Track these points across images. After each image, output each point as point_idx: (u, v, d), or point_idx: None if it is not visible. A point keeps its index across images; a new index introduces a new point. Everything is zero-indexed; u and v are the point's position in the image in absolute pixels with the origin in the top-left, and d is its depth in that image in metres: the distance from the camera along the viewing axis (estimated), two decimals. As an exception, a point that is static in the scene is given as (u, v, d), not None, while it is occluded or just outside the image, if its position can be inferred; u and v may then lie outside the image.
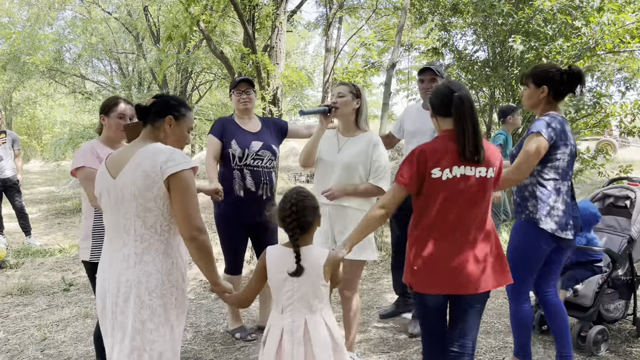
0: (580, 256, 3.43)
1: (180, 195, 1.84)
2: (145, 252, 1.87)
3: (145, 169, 1.83)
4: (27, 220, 6.52)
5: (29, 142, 22.24)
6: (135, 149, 1.92)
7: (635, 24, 5.17)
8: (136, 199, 1.85)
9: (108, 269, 1.93)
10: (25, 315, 4.07)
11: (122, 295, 1.85)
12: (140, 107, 1.99)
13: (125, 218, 1.88)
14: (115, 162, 1.94)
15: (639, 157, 13.52)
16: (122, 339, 1.86)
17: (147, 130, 1.98)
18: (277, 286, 2.02)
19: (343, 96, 2.90)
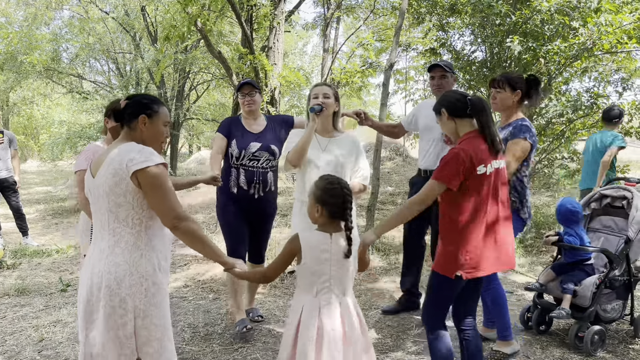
0: (570, 256, 3.44)
1: (150, 190, 1.95)
2: (116, 244, 1.98)
3: (115, 166, 1.94)
4: (24, 220, 6.51)
5: (26, 142, 22.18)
6: (110, 149, 2.04)
7: (633, 25, 5.18)
8: (108, 195, 1.96)
9: (87, 262, 2.05)
10: (22, 316, 4.06)
11: (96, 285, 1.95)
12: (115, 110, 2.15)
13: (101, 213, 2.02)
14: (96, 163, 2.07)
15: (635, 157, 13.56)
16: (98, 323, 1.97)
17: (124, 131, 2.10)
18: (314, 270, 2.07)
19: (329, 97, 3.03)
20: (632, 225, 3.40)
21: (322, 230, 2.12)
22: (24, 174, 15.62)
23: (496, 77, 3.08)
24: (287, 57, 18.30)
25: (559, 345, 3.35)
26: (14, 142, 6.38)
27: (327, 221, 2.11)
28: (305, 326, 2.05)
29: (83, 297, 2.01)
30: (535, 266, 5.24)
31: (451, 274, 2.36)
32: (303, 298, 2.11)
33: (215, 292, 4.56)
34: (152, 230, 2.03)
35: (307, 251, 2.07)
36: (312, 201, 2.12)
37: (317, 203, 2.10)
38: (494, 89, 3.02)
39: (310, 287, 2.09)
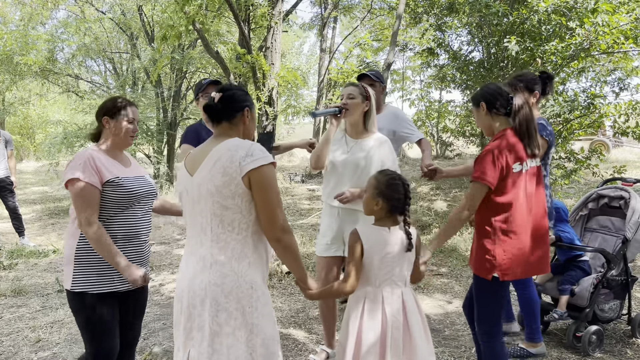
0: (564, 254, 3.47)
1: (261, 192, 1.77)
2: (221, 252, 1.79)
3: (224, 164, 1.76)
4: (21, 220, 6.48)
5: (22, 142, 22.09)
6: (212, 145, 1.85)
7: (630, 25, 5.20)
8: (213, 196, 1.78)
9: (185, 270, 1.86)
10: (19, 316, 4.04)
11: (198, 297, 1.77)
12: (212, 107, 1.88)
13: (202, 217, 1.82)
14: (192, 160, 1.89)
15: (632, 157, 13.61)
16: (201, 341, 1.78)
17: (224, 127, 1.90)
18: (376, 263, 2.09)
19: (353, 97, 2.85)
20: (630, 225, 3.41)
21: (380, 224, 2.13)
22: (20, 174, 15.55)
23: (511, 80, 3.01)
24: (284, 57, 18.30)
25: (557, 345, 3.36)
26: (10, 142, 6.36)
27: (386, 215, 2.13)
28: (370, 316, 2.07)
29: (183, 311, 1.82)
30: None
31: (488, 276, 2.34)
32: (364, 289, 2.12)
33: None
34: (258, 236, 1.85)
35: (369, 246, 2.08)
36: (371, 194, 2.12)
37: (378, 197, 2.10)
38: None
39: (372, 278, 2.11)
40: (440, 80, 8.14)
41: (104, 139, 2.34)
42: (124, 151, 2.45)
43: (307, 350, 3.37)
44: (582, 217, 3.80)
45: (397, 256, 2.09)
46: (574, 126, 6.58)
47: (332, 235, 2.94)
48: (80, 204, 2.13)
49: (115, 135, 2.32)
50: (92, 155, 2.22)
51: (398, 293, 2.11)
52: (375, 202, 2.11)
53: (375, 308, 2.08)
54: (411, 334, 2.08)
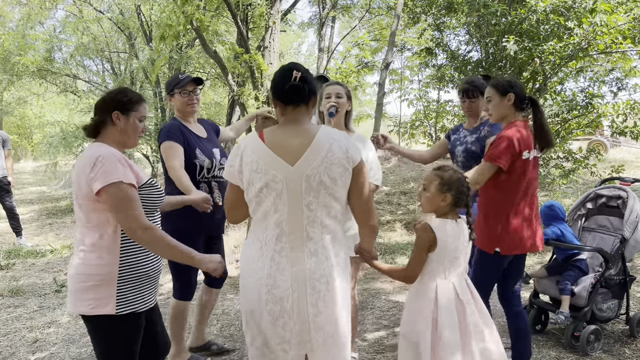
0: (562, 253, 3.47)
1: (364, 182, 1.82)
2: (332, 243, 1.78)
3: (338, 156, 1.74)
4: (18, 220, 6.46)
5: (20, 142, 22.04)
6: (304, 132, 1.78)
7: (628, 25, 5.20)
8: (326, 187, 1.74)
9: (282, 270, 1.74)
10: (16, 316, 4.03)
11: (318, 293, 1.75)
12: (298, 87, 1.78)
13: (310, 209, 1.75)
14: (286, 148, 1.75)
15: (630, 157, 13.63)
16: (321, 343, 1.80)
17: (301, 110, 1.82)
18: (449, 255, 2.14)
19: (341, 97, 2.87)
20: (627, 225, 3.41)
21: (445, 218, 2.19)
22: (18, 174, 15.52)
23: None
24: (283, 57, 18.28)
25: (555, 345, 3.36)
26: (8, 142, 6.34)
27: (449, 209, 2.19)
28: (445, 308, 2.09)
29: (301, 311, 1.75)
30: (531, 265, 5.25)
31: (491, 250, 2.61)
32: (434, 282, 2.15)
33: (211, 292, 4.53)
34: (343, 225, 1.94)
35: (442, 240, 2.12)
36: (437, 190, 2.16)
37: (444, 192, 2.15)
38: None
39: (443, 271, 2.15)
40: (438, 80, 8.14)
41: (108, 136, 2.02)
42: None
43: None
44: (580, 216, 3.80)
45: (463, 246, 2.19)
46: (572, 126, 6.58)
47: None
48: (128, 209, 1.84)
49: (123, 134, 2.03)
50: (120, 154, 1.94)
51: (465, 282, 2.21)
52: (442, 198, 2.16)
53: (449, 299, 2.12)
54: (484, 317, 2.18)
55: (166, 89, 3.02)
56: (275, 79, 1.84)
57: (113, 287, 1.89)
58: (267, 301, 1.74)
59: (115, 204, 1.83)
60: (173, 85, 2.95)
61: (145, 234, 1.84)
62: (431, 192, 2.18)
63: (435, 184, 2.17)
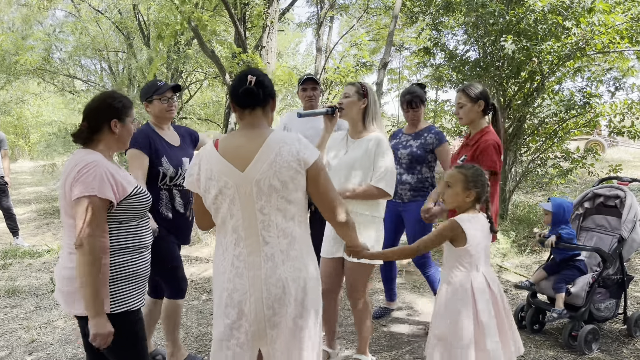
0: (561, 253, 3.45)
1: (323, 182, 1.82)
2: (290, 247, 1.79)
3: (286, 158, 1.74)
4: (15, 221, 6.44)
5: (17, 141, 21.99)
6: (257, 137, 1.79)
7: (625, 25, 5.20)
8: (278, 191, 1.75)
9: (240, 275, 1.77)
10: (13, 317, 4.01)
11: (274, 297, 1.76)
12: (252, 91, 1.79)
13: (263, 214, 1.76)
14: (237, 154, 1.77)
15: (627, 156, 13.66)
16: (276, 338, 1.80)
17: (257, 114, 1.83)
18: (481, 247, 2.28)
19: (348, 96, 2.81)
20: (625, 224, 3.41)
21: (468, 212, 2.32)
22: (15, 174, 15.47)
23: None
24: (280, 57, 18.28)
25: (553, 345, 3.36)
26: (4, 142, 6.32)
27: (472, 205, 2.32)
28: (482, 298, 2.23)
29: (249, 312, 1.77)
30: (529, 265, 5.25)
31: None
32: (469, 275, 2.27)
33: (208, 292, 4.53)
34: (307, 227, 1.88)
35: (471, 234, 2.23)
36: (462, 188, 2.29)
37: (469, 189, 2.29)
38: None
39: (476, 262, 2.27)
40: (436, 80, 8.14)
41: (102, 143, 2.02)
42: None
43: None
44: (578, 216, 3.80)
45: (487, 239, 2.33)
46: (569, 126, 6.59)
47: (332, 236, 2.90)
48: (87, 222, 1.85)
49: (119, 140, 2.06)
50: (106, 167, 1.94)
51: (492, 270, 2.37)
52: (466, 194, 2.30)
53: (483, 289, 2.26)
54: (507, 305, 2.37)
55: (143, 96, 2.93)
56: (233, 83, 1.88)
57: (105, 286, 1.92)
58: (227, 304, 1.80)
59: (79, 215, 1.85)
60: (152, 91, 2.89)
61: (82, 256, 1.82)
62: (456, 189, 2.31)
63: (461, 181, 2.30)
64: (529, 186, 7.71)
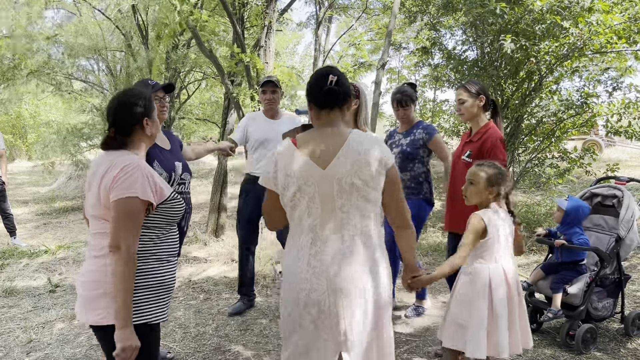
0: (568, 256, 3.43)
1: (398, 185, 1.86)
2: (366, 245, 1.79)
3: (369, 159, 1.77)
4: (12, 221, 6.43)
5: (14, 141, 21.91)
6: (337, 135, 1.82)
7: (622, 25, 5.21)
8: (359, 190, 1.76)
9: (318, 274, 1.76)
10: (10, 317, 4.00)
11: (352, 295, 1.76)
12: (334, 91, 1.81)
13: (343, 212, 1.77)
14: (319, 152, 1.79)
15: (624, 156, 13.69)
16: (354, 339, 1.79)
17: (335, 113, 1.84)
18: (501, 240, 2.40)
19: None
20: (623, 224, 3.41)
21: (491, 207, 2.44)
22: (12, 174, 15.43)
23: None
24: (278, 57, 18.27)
25: (550, 344, 3.36)
26: (1, 142, 6.30)
27: (493, 200, 2.45)
28: (497, 289, 2.36)
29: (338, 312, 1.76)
30: (527, 265, 5.26)
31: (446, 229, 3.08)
32: (487, 266, 2.40)
33: (206, 292, 4.52)
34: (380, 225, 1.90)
35: (492, 227, 2.37)
36: (485, 185, 2.42)
37: (492, 186, 2.42)
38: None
39: (495, 254, 2.40)
40: (434, 80, 8.15)
41: (137, 142, 1.94)
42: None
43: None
44: (576, 215, 3.80)
45: (508, 231, 2.44)
46: (567, 125, 6.59)
47: None
48: (128, 226, 1.77)
49: (151, 138, 1.99)
50: (148, 168, 1.87)
51: (512, 261, 2.46)
52: (489, 192, 2.43)
53: (500, 281, 2.38)
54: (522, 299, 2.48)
55: None
56: (310, 83, 1.87)
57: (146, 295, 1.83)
58: (306, 304, 1.77)
59: (118, 216, 1.77)
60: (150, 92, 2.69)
61: (119, 261, 1.74)
62: (479, 186, 2.44)
63: (483, 178, 2.43)
64: (527, 186, 7.72)
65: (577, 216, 3.37)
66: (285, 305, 1.86)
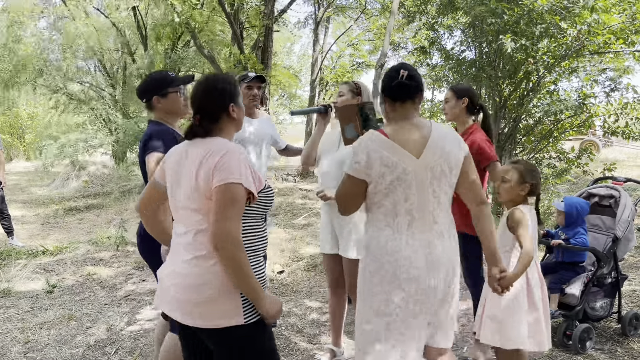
0: (568, 257, 3.43)
1: (474, 170, 2.05)
2: (450, 226, 2.02)
3: (452, 148, 1.97)
4: (10, 221, 6.41)
5: (12, 141, 21.87)
6: (421, 126, 1.98)
7: (620, 25, 5.23)
8: (446, 177, 1.96)
9: (415, 251, 1.92)
10: (7, 317, 4.00)
11: (445, 271, 1.96)
12: (406, 85, 1.97)
13: (434, 196, 1.95)
14: (410, 142, 1.94)
15: (622, 156, 13.73)
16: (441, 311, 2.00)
17: (407, 106, 2.01)
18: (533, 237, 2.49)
19: (342, 95, 2.88)
20: (620, 224, 3.42)
21: (524, 204, 2.51)
22: (10, 175, 15.40)
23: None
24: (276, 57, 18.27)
25: (548, 344, 3.36)
26: (-1, 142, 6.29)
27: (525, 198, 2.51)
28: (533, 279, 2.48)
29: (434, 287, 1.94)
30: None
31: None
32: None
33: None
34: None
35: (532, 221, 2.47)
36: (518, 181, 2.49)
37: (525, 182, 2.49)
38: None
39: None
40: (433, 80, 8.16)
41: (225, 132, 1.82)
42: None
43: (298, 350, 3.35)
44: (573, 215, 3.81)
45: (536, 228, 2.51)
46: (564, 126, 6.61)
47: (328, 232, 2.96)
48: (233, 215, 1.64)
49: (238, 125, 1.87)
50: (245, 155, 1.75)
51: (538, 259, 2.61)
52: (521, 188, 2.49)
53: (534, 272, 2.49)
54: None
55: (153, 90, 2.53)
56: (385, 78, 2.06)
57: (237, 293, 1.70)
58: (404, 280, 1.91)
59: (222, 204, 1.63)
60: (167, 83, 2.54)
61: (231, 247, 1.62)
62: (511, 183, 2.50)
63: (516, 175, 2.49)
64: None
65: (578, 214, 3.37)
66: (379, 283, 1.95)
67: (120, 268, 5.34)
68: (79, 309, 4.15)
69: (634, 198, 3.80)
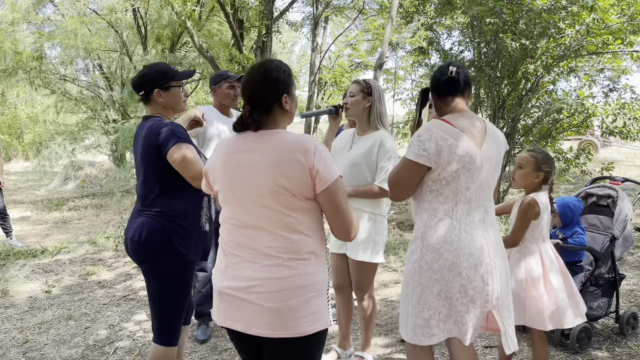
0: (567, 257, 3.43)
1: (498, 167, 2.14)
2: (495, 218, 2.13)
3: (501, 141, 2.11)
4: (8, 221, 6.41)
5: (10, 141, 21.85)
6: (475, 119, 2.07)
7: (618, 26, 5.24)
8: (497, 168, 2.08)
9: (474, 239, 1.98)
10: (6, 317, 4.00)
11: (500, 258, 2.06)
12: (456, 80, 2.05)
13: (489, 187, 2.06)
14: (472, 133, 2.01)
15: (620, 156, 13.76)
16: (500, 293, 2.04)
17: (458, 100, 2.08)
18: (547, 222, 2.57)
19: (353, 95, 2.82)
20: (617, 224, 3.43)
21: (537, 192, 2.56)
22: (8, 174, 15.39)
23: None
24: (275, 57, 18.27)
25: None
26: (-2, 141, 6.28)
27: (539, 185, 2.57)
28: (550, 264, 2.56)
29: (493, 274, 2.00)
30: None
31: None
32: (537, 245, 2.57)
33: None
34: None
35: (543, 210, 2.53)
36: (533, 169, 2.55)
37: (539, 170, 2.54)
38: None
39: (544, 235, 2.58)
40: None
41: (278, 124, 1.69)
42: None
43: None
44: (571, 215, 3.81)
45: (549, 215, 2.58)
46: (563, 126, 6.62)
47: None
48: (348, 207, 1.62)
49: (290, 117, 1.74)
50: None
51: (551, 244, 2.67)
52: (536, 175, 2.55)
53: (550, 258, 2.57)
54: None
55: (152, 82, 2.31)
56: (434, 75, 2.15)
57: (324, 295, 1.62)
58: (463, 268, 1.96)
59: (337, 200, 1.56)
60: (171, 76, 2.33)
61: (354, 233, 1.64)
62: (526, 170, 2.56)
63: (532, 162, 2.55)
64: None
65: (573, 213, 3.37)
66: (439, 271, 1.99)
67: (119, 268, 5.34)
68: (78, 309, 4.15)
69: (631, 198, 3.81)
